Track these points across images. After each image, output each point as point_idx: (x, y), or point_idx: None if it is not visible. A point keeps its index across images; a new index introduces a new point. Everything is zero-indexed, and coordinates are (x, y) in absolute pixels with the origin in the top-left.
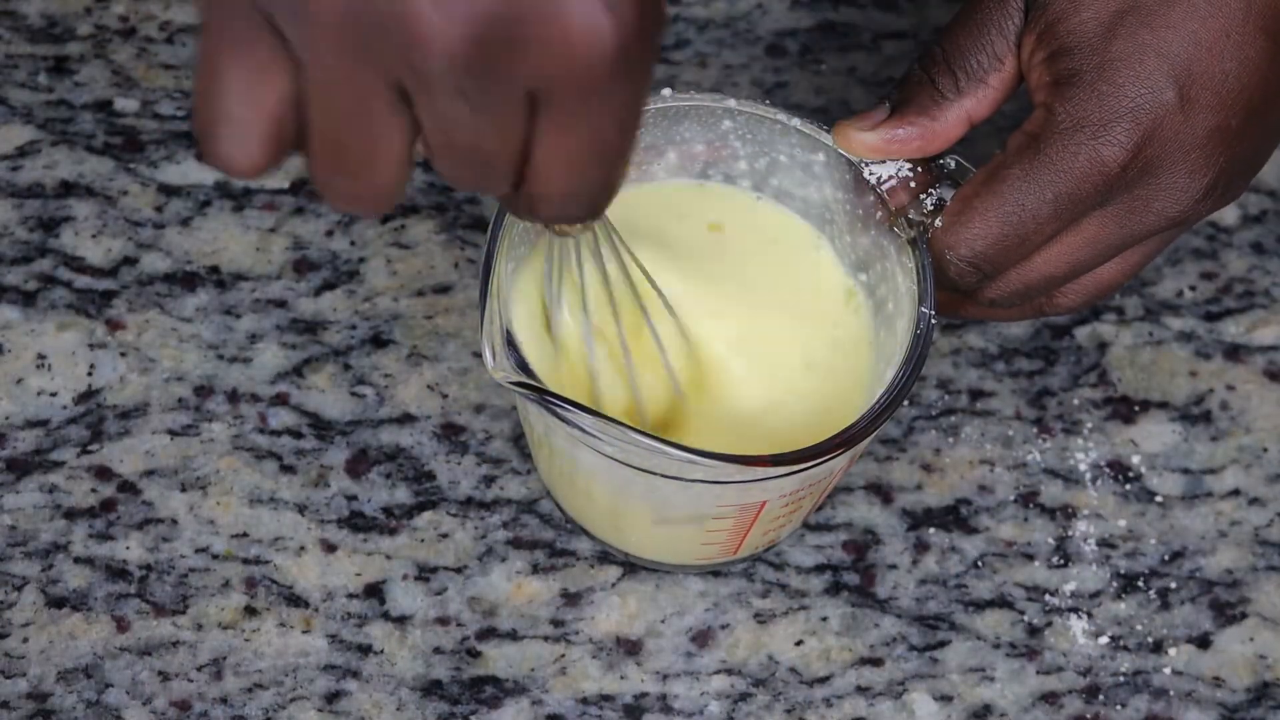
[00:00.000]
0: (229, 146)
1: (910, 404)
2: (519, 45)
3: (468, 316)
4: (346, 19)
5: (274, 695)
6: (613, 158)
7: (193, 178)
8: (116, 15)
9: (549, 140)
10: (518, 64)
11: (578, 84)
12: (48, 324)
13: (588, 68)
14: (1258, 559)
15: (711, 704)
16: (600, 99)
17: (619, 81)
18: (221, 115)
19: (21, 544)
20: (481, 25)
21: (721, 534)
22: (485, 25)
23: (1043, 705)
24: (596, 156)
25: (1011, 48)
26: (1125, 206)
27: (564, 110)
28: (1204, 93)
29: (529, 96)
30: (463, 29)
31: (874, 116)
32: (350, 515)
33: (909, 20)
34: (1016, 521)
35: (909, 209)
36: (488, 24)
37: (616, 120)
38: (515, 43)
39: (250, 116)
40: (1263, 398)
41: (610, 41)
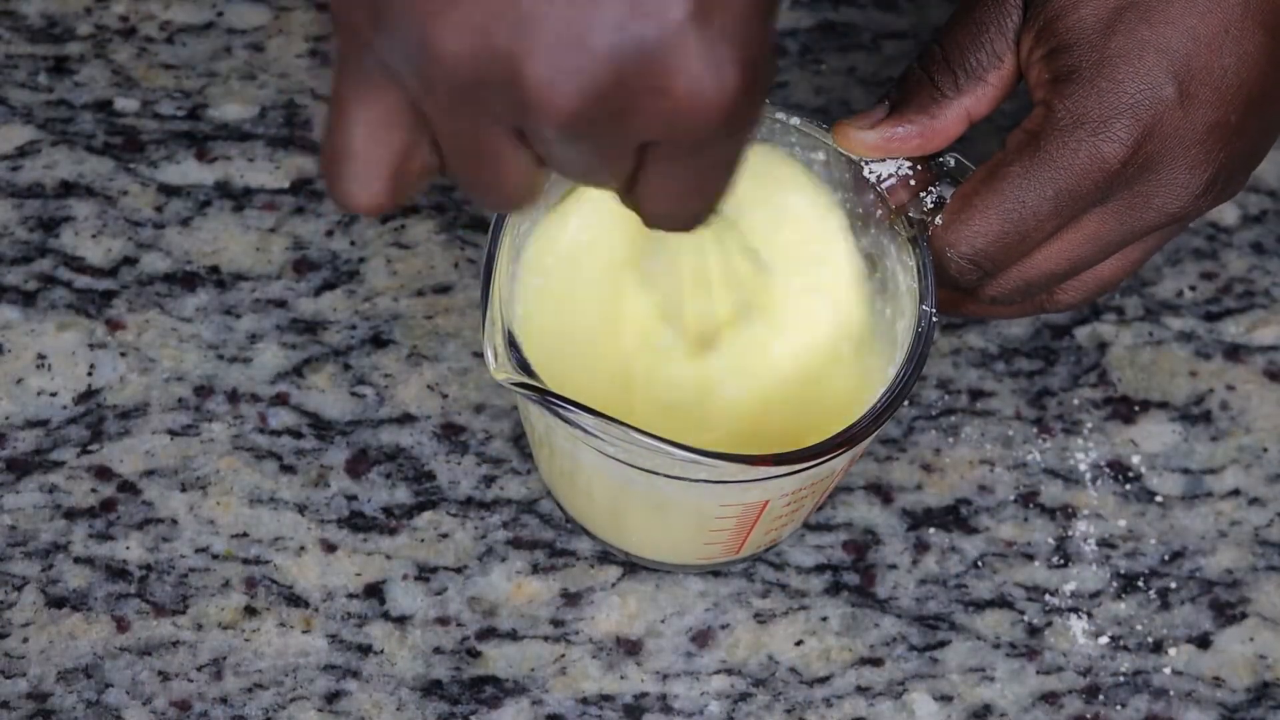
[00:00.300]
0: (353, 185)
1: (910, 404)
2: (629, 110)
3: (468, 316)
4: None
5: (274, 695)
6: (711, 194)
7: (193, 178)
8: (116, 15)
9: (655, 177)
10: (628, 125)
11: (685, 143)
12: (48, 324)
13: (694, 130)
14: (1258, 559)
15: (711, 704)
16: (706, 153)
17: (724, 138)
18: (347, 155)
19: (21, 544)
20: (593, 93)
21: (724, 534)
22: (597, 93)
23: (1043, 705)
24: (699, 194)
25: (1010, 45)
26: (1125, 203)
27: (671, 160)
28: (1203, 88)
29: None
30: (576, 97)
31: (873, 115)
32: (350, 515)
33: (909, 20)
34: (1016, 521)
35: (909, 207)
36: (600, 92)
37: (721, 166)
38: (625, 109)
39: (374, 158)
40: (1263, 398)
41: (717, 107)
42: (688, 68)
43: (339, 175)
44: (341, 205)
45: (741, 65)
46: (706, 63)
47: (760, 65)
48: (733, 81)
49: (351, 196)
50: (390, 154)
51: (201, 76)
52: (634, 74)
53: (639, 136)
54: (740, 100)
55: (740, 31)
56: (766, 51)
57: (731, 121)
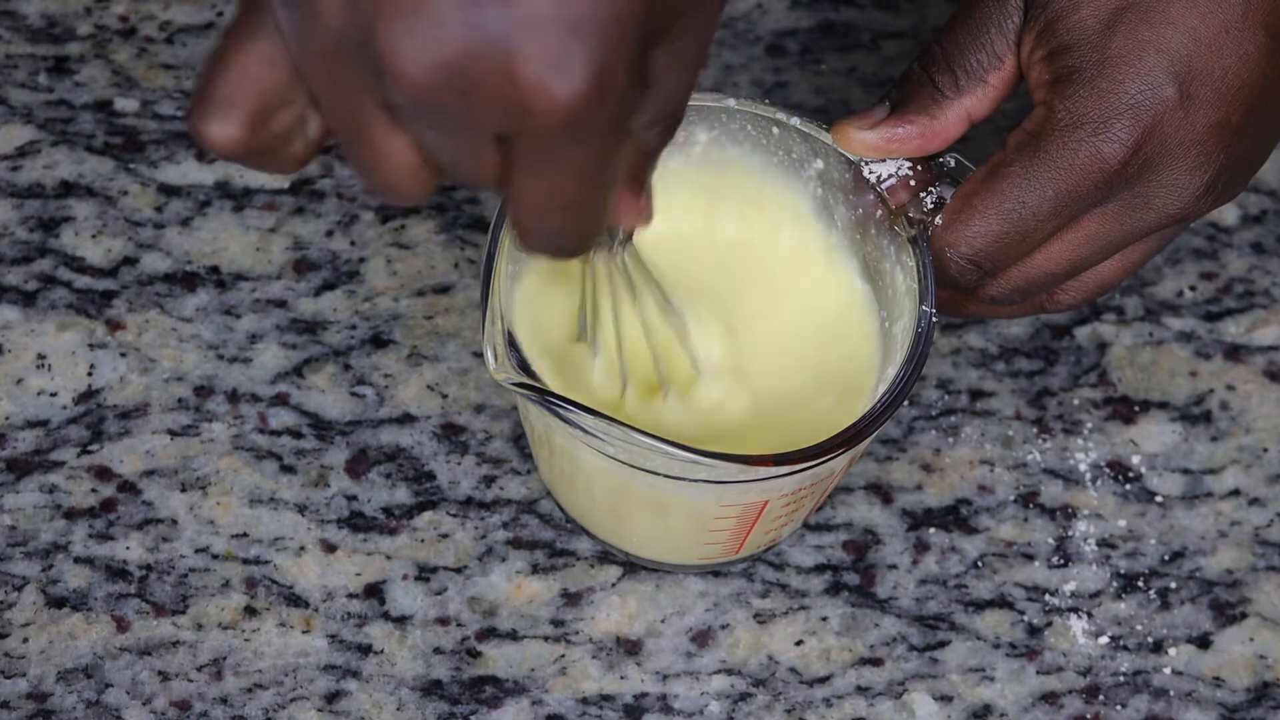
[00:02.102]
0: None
1: (910, 404)
2: (477, 92)
3: (468, 316)
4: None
5: (274, 695)
6: (575, 209)
7: (193, 178)
8: (116, 15)
9: (515, 179)
10: (477, 109)
11: (530, 136)
12: (48, 324)
13: (537, 124)
14: (1258, 559)
15: (711, 704)
16: (554, 153)
17: (572, 140)
18: (212, 88)
19: (21, 544)
20: (443, 68)
21: (723, 534)
22: (447, 69)
23: (1043, 705)
24: (557, 205)
25: (1011, 46)
26: (1126, 203)
27: (523, 156)
28: (1204, 89)
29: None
30: (427, 69)
31: (873, 115)
32: (350, 515)
33: (909, 20)
34: (1016, 521)
35: (909, 207)
36: (449, 68)
37: (573, 175)
38: (473, 90)
39: (238, 95)
40: (1263, 398)
41: (560, 104)
42: (534, 58)
43: (199, 105)
44: (195, 136)
45: (590, 68)
46: (553, 57)
47: (615, 76)
48: (578, 82)
49: (205, 129)
50: (255, 95)
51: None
52: (483, 54)
53: (488, 123)
54: (585, 103)
55: (597, 30)
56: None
57: (575, 123)
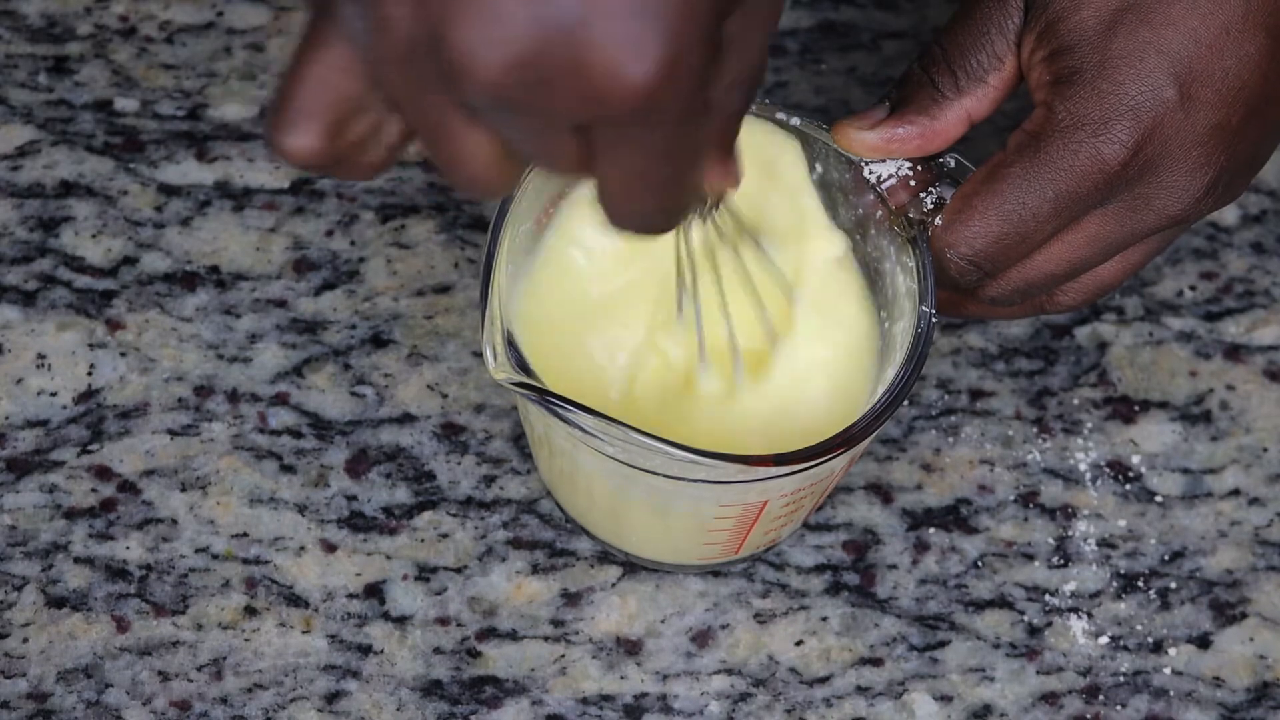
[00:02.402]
0: (287, 129)
1: (910, 404)
2: (551, 86)
3: (468, 316)
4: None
5: (274, 695)
6: (659, 187)
7: (193, 178)
8: (116, 15)
9: (599, 165)
10: (553, 101)
11: (609, 124)
12: (48, 324)
13: (614, 111)
14: (1258, 559)
15: (711, 704)
16: (635, 137)
17: (651, 123)
18: (289, 99)
19: (21, 544)
20: (515, 65)
21: (722, 534)
22: (518, 65)
23: (1043, 705)
24: (641, 185)
25: (1011, 47)
26: (1126, 205)
27: (603, 142)
28: (1204, 90)
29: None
30: (499, 68)
31: (873, 115)
32: (350, 515)
33: (909, 20)
34: (1016, 521)
35: (909, 208)
36: (520, 65)
37: (656, 156)
38: (547, 84)
39: (314, 106)
40: (1263, 398)
41: (634, 89)
42: (605, 45)
43: (277, 119)
44: (273, 148)
45: (663, 49)
46: (625, 42)
47: (690, 53)
48: (652, 65)
49: (283, 140)
50: (331, 105)
51: (201, 76)
52: (553, 47)
53: (565, 114)
54: (661, 85)
55: (665, 11)
56: (701, 40)
57: (652, 104)
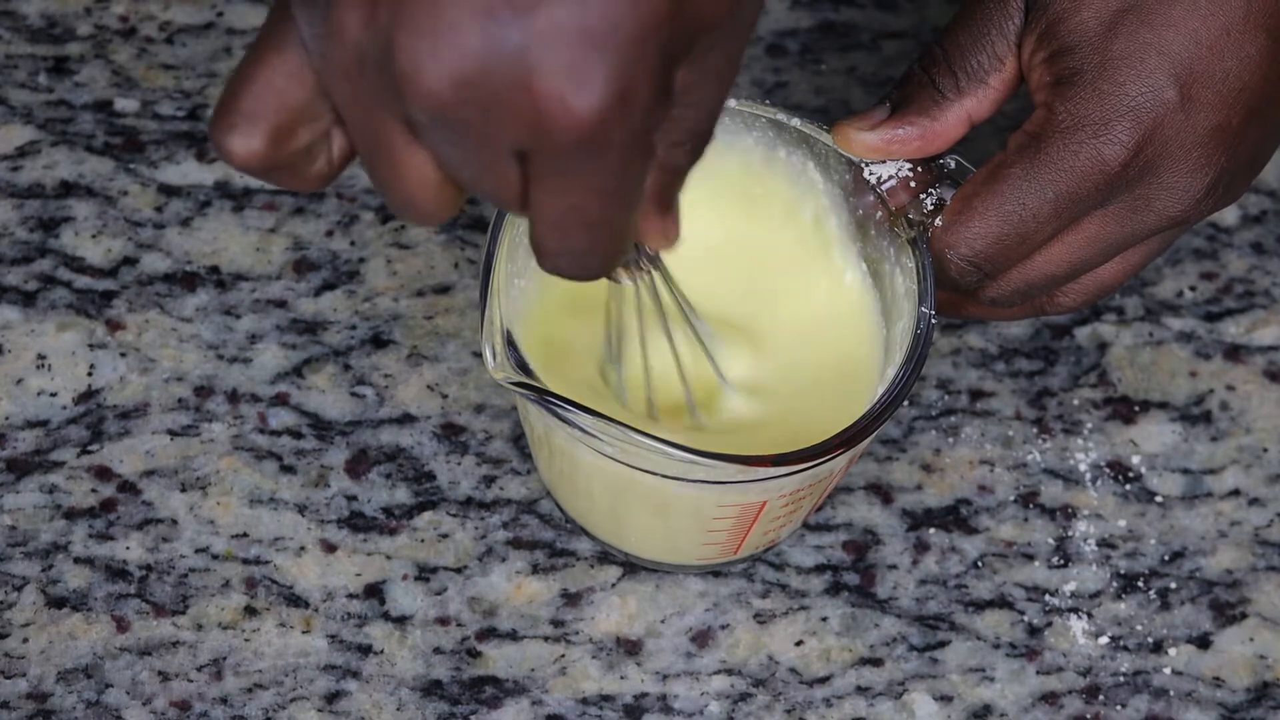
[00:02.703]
0: (232, 132)
1: (910, 404)
2: (495, 107)
3: (468, 316)
4: (353, 60)
5: (274, 695)
6: (595, 228)
7: (193, 178)
8: (116, 15)
9: (534, 195)
10: (495, 123)
11: (549, 151)
12: (48, 324)
13: (555, 138)
14: (1258, 559)
15: (711, 704)
16: (574, 169)
17: (591, 156)
18: (235, 100)
19: (21, 544)
20: (461, 82)
21: (722, 534)
22: (464, 83)
23: (1043, 705)
24: (577, 223)
25: (1012, 48)
26: (1126, 206)
27: (542, 172)
28: (1205, 91)
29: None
30: (445, 83)
31: (874, 116)
32: (350, 515)
33: (909, 20)
34: (1016, 521)
35: (909, 209)
36: (467, 82)
37: (593, 192)
38: (492, 104)
39: (260, 109)
40: (1263, 398)
41: (577, 119)
42: (553, 71)
43: (221, 118)
44: (217, 149)
45: (610, 80)
46: (573, 71)
47: (637, 91)
48: (598, 96)
49: (226, 142)
50: (277, 109)
51: (201, 76)
52: (501, 67)
53: (507, 138)
54: (606, 118)
55: (616, 45)
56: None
57: (595, 139)
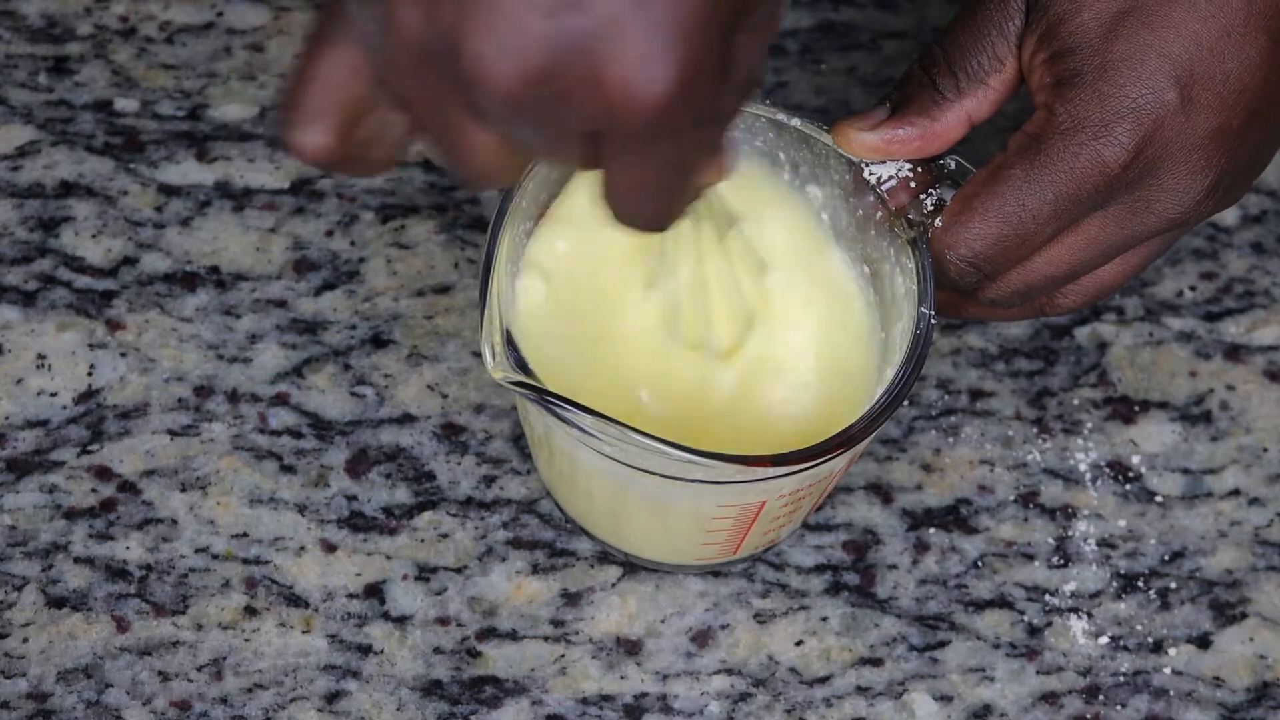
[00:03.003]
0: (301, 129)
1: (910, 404)
2: (565, 97)
3: (468, 316)
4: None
5: (274, 695)
6: (665, 192)
7: (193, 178)
8: (116, 15)
9: (610, 167)
10: (566, 110)
11: (621, 134)
12: (48, 324)
13: (627, 122)
14: (1258, 559)
15: (711, 704)
16: (646, 148)
17: (663, 135)
18: (301, 99)
19: (21, 544)
20: (530, 76)
21: (721, 534)
22: (534, 77)
23: (1043, 705)
24: (650, 191)
25: (1012, 49)
26: (1126, 207)
27: (614, 151)
28: (1205, 93)
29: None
30: (514, 78)
31: (874, 116)
32: (350, 515)
33: (909, 20)
34: (1016, 521)
35: (909, 209)
36: (535, 76)
37: (673, 165)
38: (561, 95)
39: (326, 105)
40: (1263, 398)
41: (648, 102)
42: (619, 59)
43: (289, 118)
44: (288, 148)
45: (676, 63)
46: (638, 56)
47: (703, 71)
48: (665, 78)
49: (297, 138)
50: (342, 104)
51: (201, 76)
52: (568, 59)
53: (578, 123)
54: (674, 98)
55: (680, 29)
56: (713, 59)
57: (666, 119)
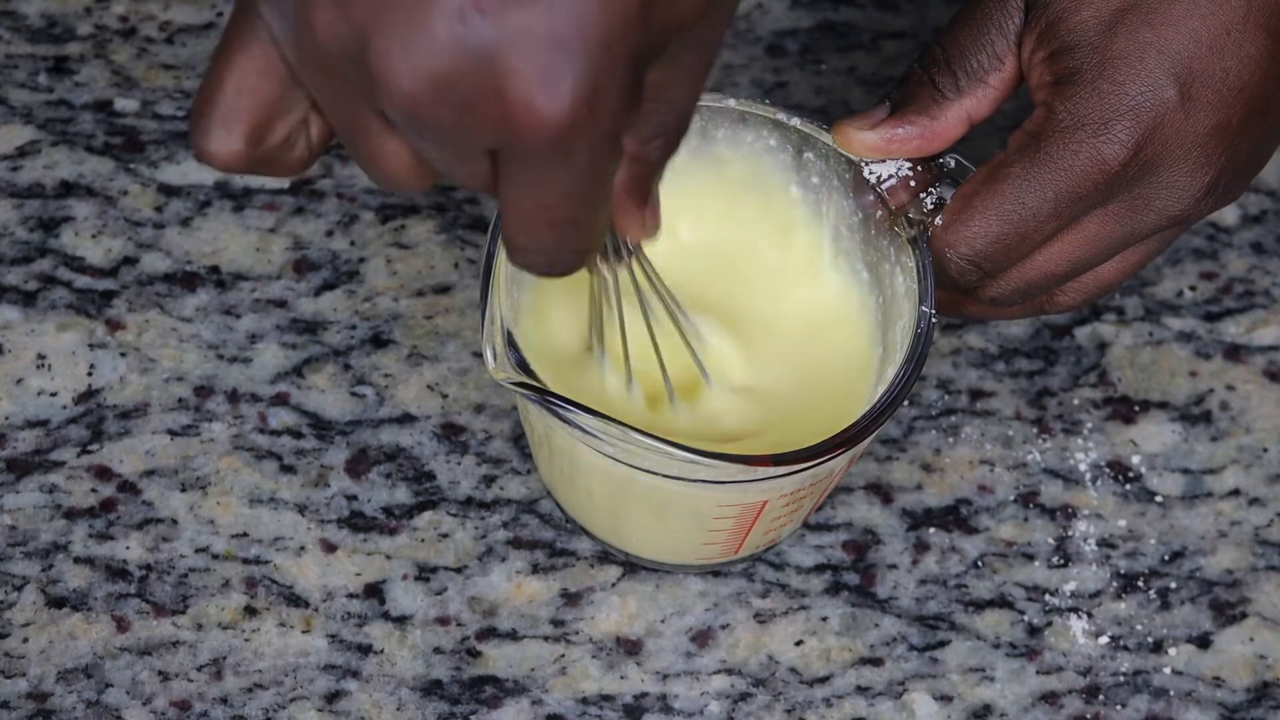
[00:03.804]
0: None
1: (910, 404)
2: (467, 108)
3: (468, 316)
4: (326, 55)
5: (274, 695)
6: (564, 226)
7: (193, 178)
8: (116, 15)
9: (503, 192)
10: (467, 124)
11: (518, 153)
12: (48, 324)
13: (524, 141)
14: (1258, 559)
15: (711, 704)
16: (542, 170)
17: (559, 158)
18: (210, 103)
19: (21, 544)
20: (434, 84)
21: (722, 534)
22: (437, 85)
23: (1043, 705)
24: (545, 220)
25: (1012, 47)
26: (1126, 205)
27: (511, 171)
28: (1205, 90)
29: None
30: (418, 85)
31: (874, 116)
32: (350, 515)
33: (909, 20)
34: (1016, 521)
35: (909, 208)
36: (439, 84)
37: (562, 192)
38: (463, 106)
39: (237, 108)
40: (1263, 398)
41: (546, 122)
42: (523, 75)
43: (199, 123)
44: (197, 153)
45: (580, 86)
46: (542, 74)
47: (606, 94)
48: (567, 100)
49: (207, 146)
50: (253, 108)
51: (201, 76)
52: (472, 70)
53: (478, 137)
54: (574, 122)
55: (586, 50)
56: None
57: (564, 141)
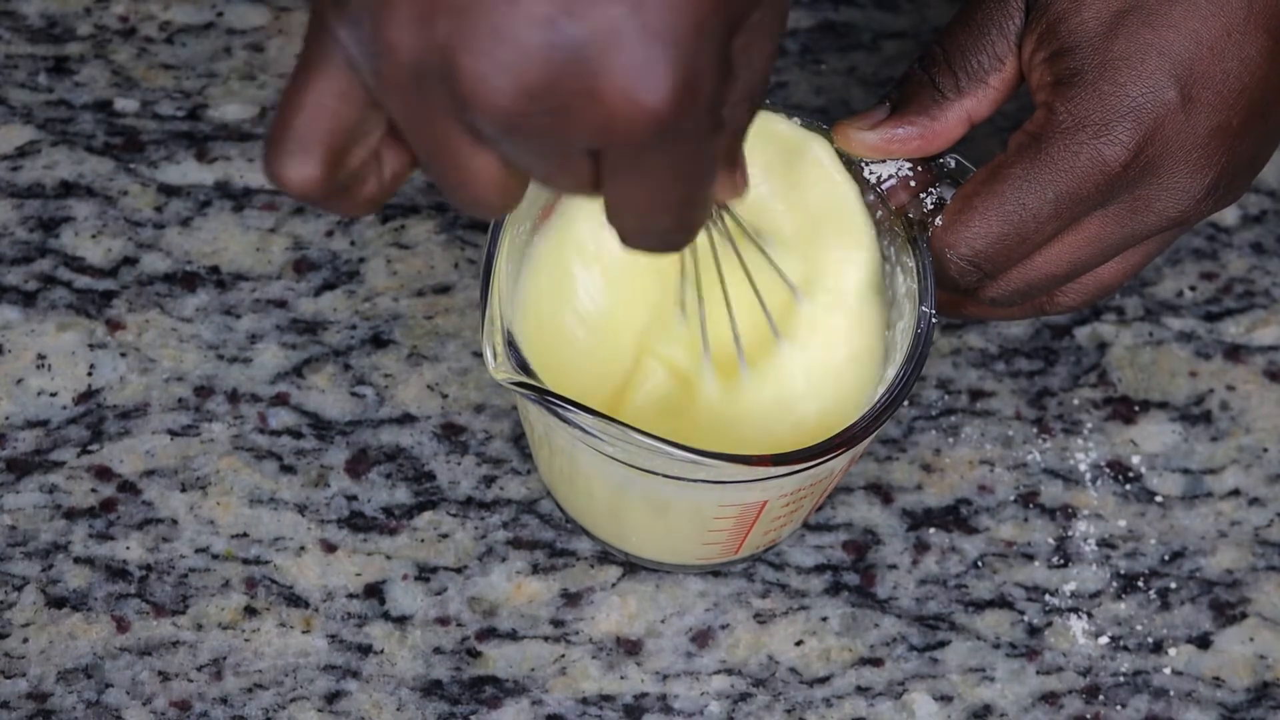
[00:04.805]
0: (286, 160)
1: (910, 404)
2: (565, 111)
3: (468, 316)
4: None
5: (274, 695)
6: (673, 207)
7: (193, 178)
8: (116, 15)
9: (611, 186)
10: (567, 127)
11: (622, 148)
12: (48, 324)
13: (628, 136)
14: (1258, 559)
15: (711, 704)
16: (650, 160)
17: (665, 146)
18: (287, 128)
19: (21, 544)
20: (529, 93)
21: (722, 534)
22: (532, 93)
23: (1043, 705)
24: (655, 205)
25: (1012, 48)
26: (1126, 206)
27: (617, 166)
28: (1205, 92)
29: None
30: (513, 96)
31: (874, 116)
32: (350, 515)
33: (909, 20)
34: (1016, 521)
35: (909, 208)
36: (534, 92)
37: (671, 178)
38: (561, 110)
39: (313, 135)
40: (1263, 398)
41: (648, 113)
42: (619, 71)
43: (275, 148)
44: (273, 179)
45: (677, 73)
46: (638, 68)
47: (703, 76)
48: (667, 89)
49: (282, 170)
50: (330, 132)
51: (201, 76)
52: (565, 74)
53: (579, 139)
54: (677, 109)
55: (678, 34)
56: (713, 62)
57: (668, 129)
